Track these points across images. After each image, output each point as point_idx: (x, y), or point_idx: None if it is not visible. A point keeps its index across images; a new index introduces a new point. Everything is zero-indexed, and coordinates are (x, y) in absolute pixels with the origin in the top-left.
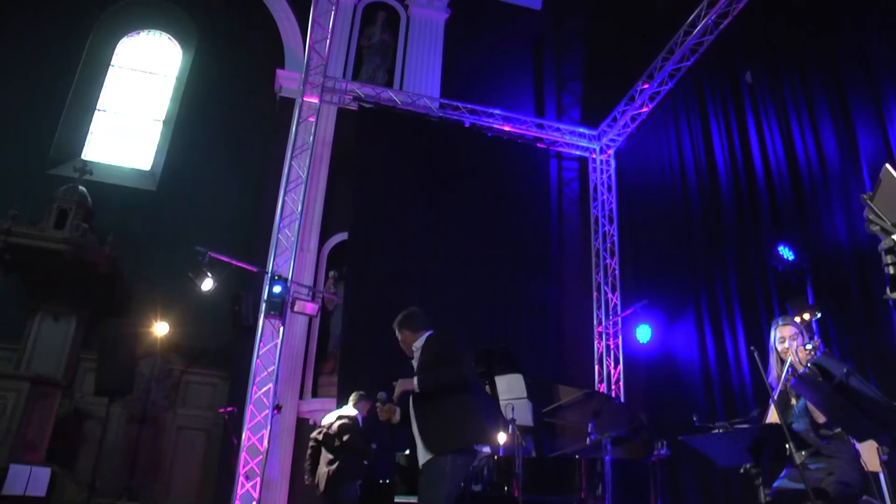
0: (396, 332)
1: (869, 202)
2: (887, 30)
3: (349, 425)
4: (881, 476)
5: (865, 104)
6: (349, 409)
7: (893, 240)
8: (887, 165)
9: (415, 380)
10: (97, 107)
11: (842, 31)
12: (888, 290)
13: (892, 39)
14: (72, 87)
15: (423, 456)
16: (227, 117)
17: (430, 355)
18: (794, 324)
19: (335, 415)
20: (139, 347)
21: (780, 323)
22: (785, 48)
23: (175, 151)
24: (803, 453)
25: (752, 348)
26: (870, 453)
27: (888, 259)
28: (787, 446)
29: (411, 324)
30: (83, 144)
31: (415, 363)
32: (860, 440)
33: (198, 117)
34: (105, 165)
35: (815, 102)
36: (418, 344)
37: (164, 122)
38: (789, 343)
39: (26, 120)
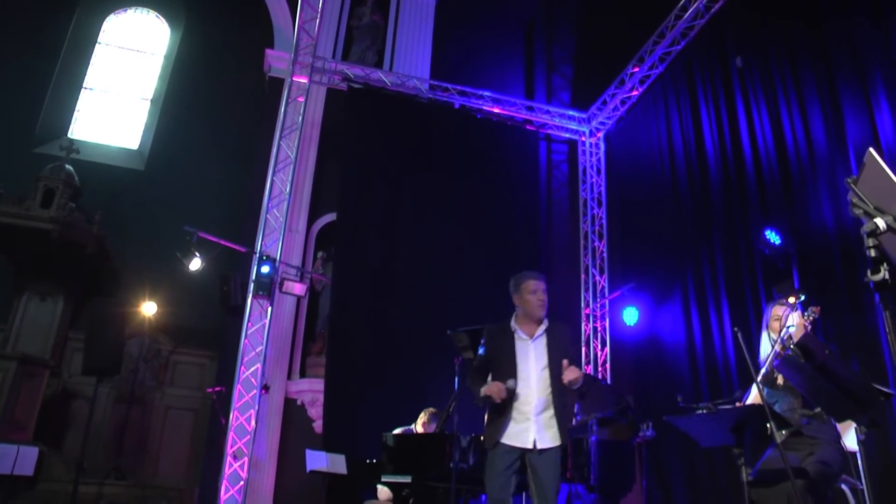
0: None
1: (853, 186)
2: (876, 17)
3: None
4: (858, 455)
5: (854, 90)
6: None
7: (875, 223)
8: (871, 150)
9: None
10: (84, 85)
11: (832, 18)
12: (869, 272)
13: (881, 26)
14: (57, 64)
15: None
16: (215, 97)
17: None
18: (789, 306)
19: None
20: (127, 327)
21: (777, 303)
22: (775, 33)
23: (163, 131)
24: (784, 432)
25: (735, 329)
26: (848, 433)
27: (870, 242)
28: (768, 426)
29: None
30: (70, 123)
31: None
32: (840, 420)
33: (186, 96)
34: (92, 144)
35: (805, 88)
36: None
37: (152, 100)
38: (784, 322)
39: (11, 98)
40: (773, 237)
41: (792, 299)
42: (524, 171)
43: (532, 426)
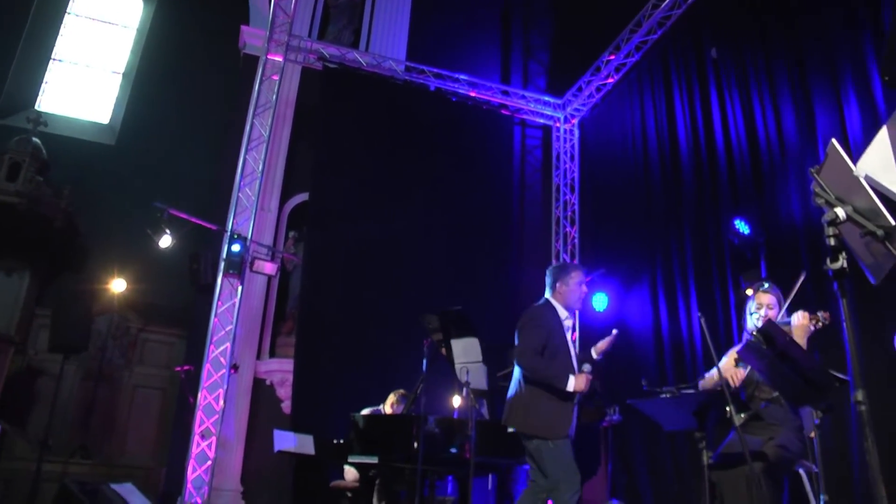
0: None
1: (816, 176)
2: (848, 13)
3: None
4: (815, 440)
5: (824, 84)
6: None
7: (836, 213)
8: (834, 141)
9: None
10: (52, 56)
11: (806, 12)
12: (828, 260)
13: (853, 23)
14: (23, 33)
15: None
16: (189, 72)
17: None
18: (775, 292)
19: None
20: (95, 304)
21: (760, 290)
22: (750, 26)
23: (135, 105)
24: (742, 416)
25: (700, 315)
26: (806, 419)
27: (830, 231)
28: (727, 409)
29: None
30: (37, 95)
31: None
32: (798, 405)
33: (159, 71)
34: (61, 117)
35: (777, 80)
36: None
37: (124, 74)
38: (766, 311)
39: None
40: (742, 227)
41: (766, 286)
42: (498, 155)
43: (574, 414)
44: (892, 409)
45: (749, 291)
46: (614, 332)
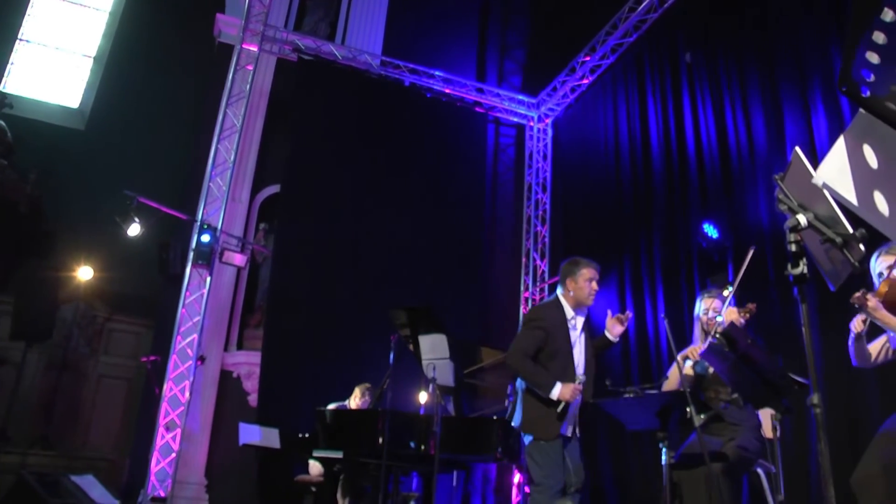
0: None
1: (780, 182)
2: (818, 23)
3: None
4: (776, 443)
5: (794, 92)
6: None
7: (797, 219)
8: (797, 148)
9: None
10: (19, 37)
11: (778, 21)
12: (789, 266)
13: (822, 33)
14: None
15: None
16: (162, 59)
17: None
18: (721, 298)
19: None
20: (61, 292)
21: (706, 295)
22: (724, 32)
23: (106, 90)
24: (702, 416)
25: (663, 316)
26: (765, 420)
27: (791, 237)
28: (687, 410)
29: None
30: (3, 76)
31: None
32: (758, 407)
33: (132, 56)
34: (28, 100)
35: (749, 87)
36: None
37: (95, 58)
38: (712, 315)
39: None
40: (710, 231)
41: (725, 292)
42: (471, 152)
43: (573, 414)
44: (849, 411)
45: (711, 294)
46: (629, 314)
